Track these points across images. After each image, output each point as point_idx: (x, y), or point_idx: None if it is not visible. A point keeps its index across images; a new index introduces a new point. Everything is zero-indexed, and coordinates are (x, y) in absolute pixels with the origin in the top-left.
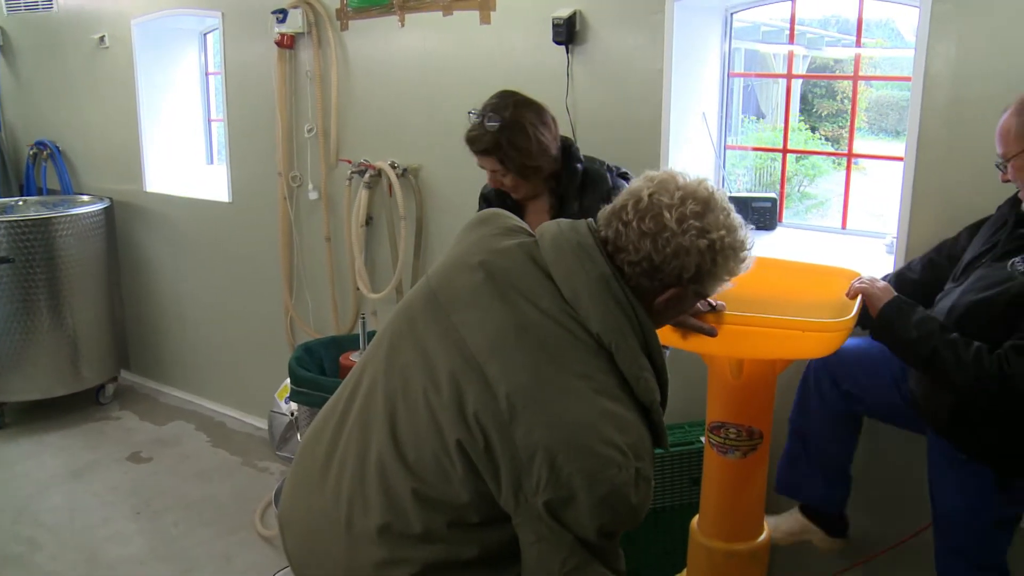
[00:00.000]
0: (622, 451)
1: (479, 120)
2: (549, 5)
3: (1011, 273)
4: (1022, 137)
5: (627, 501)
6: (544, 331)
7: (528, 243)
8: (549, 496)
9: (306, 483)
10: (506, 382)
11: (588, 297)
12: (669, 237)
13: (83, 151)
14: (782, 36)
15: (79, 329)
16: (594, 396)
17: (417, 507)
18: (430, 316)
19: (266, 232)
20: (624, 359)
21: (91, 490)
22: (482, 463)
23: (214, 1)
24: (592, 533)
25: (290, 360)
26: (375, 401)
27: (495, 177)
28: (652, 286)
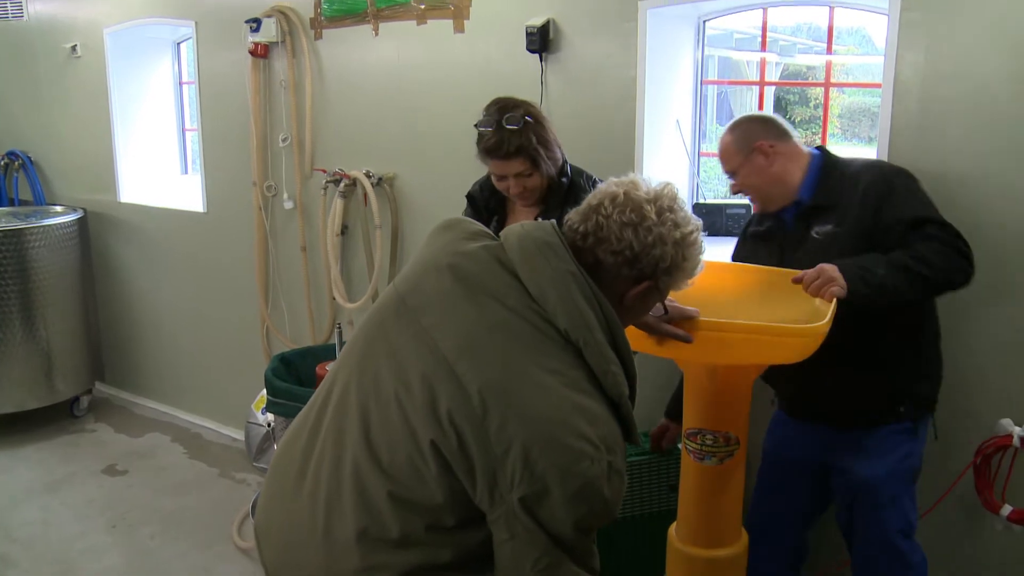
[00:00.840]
0: (594, 444)
1: (495, 124)
2: (522, 14)
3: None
4: (740, 151)
5: (600, 494)
6: (513, 328)
7: (493, 245)
8: (524, 491)
9: (281, 492)
10: (478, 380)
11: (555, 294)
12: (650, 226)
13: (56, 161)
14: (755, 43)
15: (53, 341)
16: (565, 390)
17: (393, 510)
18: (400, 321)
19: (241, 242)
20: (592, 354)
21: (66, 503)
22: (456, 461)
23: (187, 10)
24: (567, 529)
25: (266, 371)
26: (348, 408)
27: (519, 181)
28: (631, 275)
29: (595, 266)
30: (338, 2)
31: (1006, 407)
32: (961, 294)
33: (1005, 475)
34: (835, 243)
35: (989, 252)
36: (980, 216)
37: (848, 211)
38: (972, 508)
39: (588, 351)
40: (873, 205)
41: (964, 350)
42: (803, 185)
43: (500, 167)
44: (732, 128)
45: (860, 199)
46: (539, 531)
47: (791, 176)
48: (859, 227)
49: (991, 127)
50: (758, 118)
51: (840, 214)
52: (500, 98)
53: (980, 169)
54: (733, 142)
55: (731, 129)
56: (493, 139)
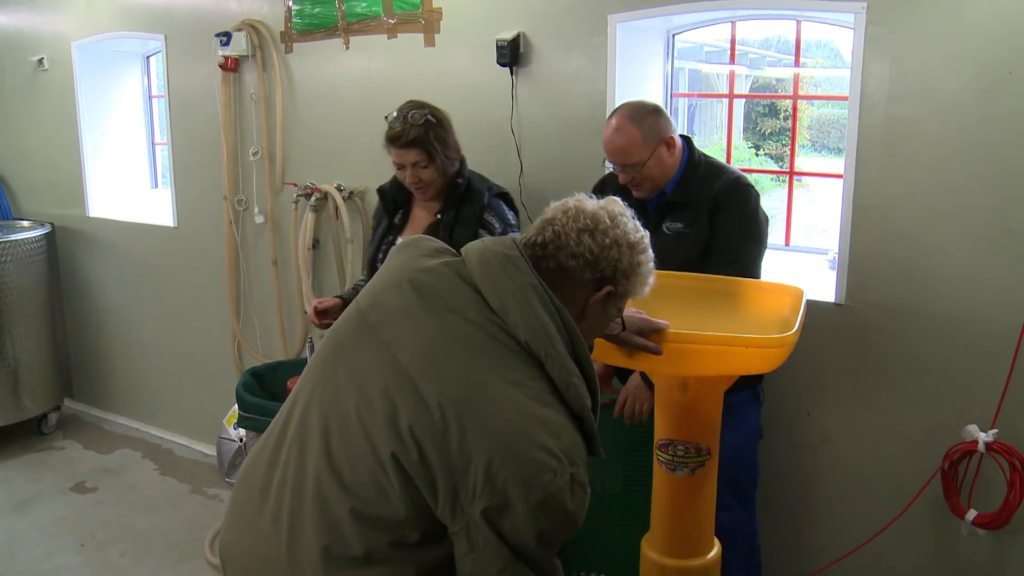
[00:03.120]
0: (556, 456)
1: (402, 117)
2: (493, 27)
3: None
4: (648, 144)
5: (563, 507)
6: (474, 341)
7: (454, 261)
8: (485, 504)
9: (245, 513)
10: (438, 393)
11: (515, 306)
12: (605, 229)
13: (23, 175)
14: (724, 56)
15: (20, 357)
16: (527, 402)
17: (356, 527)
18: (361, 337)
19: (212, 256)
20: (554, 366)
21: (34, 523)
22: (417, 474)
23: (157, 24)
24: (529, 541)
25: (237, 386)
26: (309, 425)
27: (415, 171)
28: (592, 278)
29: (557, 272)
30: (308, 16)
31: (972, 413)
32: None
33: (971, 481)
34: (683, 243)
35: (953, 256)
36: (945, 221)
37: (698, 214)
38: (940, 513)
39: (549, 363)
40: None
41: (929, 355)
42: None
43: (399, 155)
44: (635, 119)
45: (708, 205)
46: (501, 544)
47: (675, 168)
48: (702, 233)
49: (957, 137)
50: (654, 108)
51: (691, 215)
52: (410, 100)
53: (945, 178)
54: (641, 135)
55: (634, 120)
56: (396, 129)
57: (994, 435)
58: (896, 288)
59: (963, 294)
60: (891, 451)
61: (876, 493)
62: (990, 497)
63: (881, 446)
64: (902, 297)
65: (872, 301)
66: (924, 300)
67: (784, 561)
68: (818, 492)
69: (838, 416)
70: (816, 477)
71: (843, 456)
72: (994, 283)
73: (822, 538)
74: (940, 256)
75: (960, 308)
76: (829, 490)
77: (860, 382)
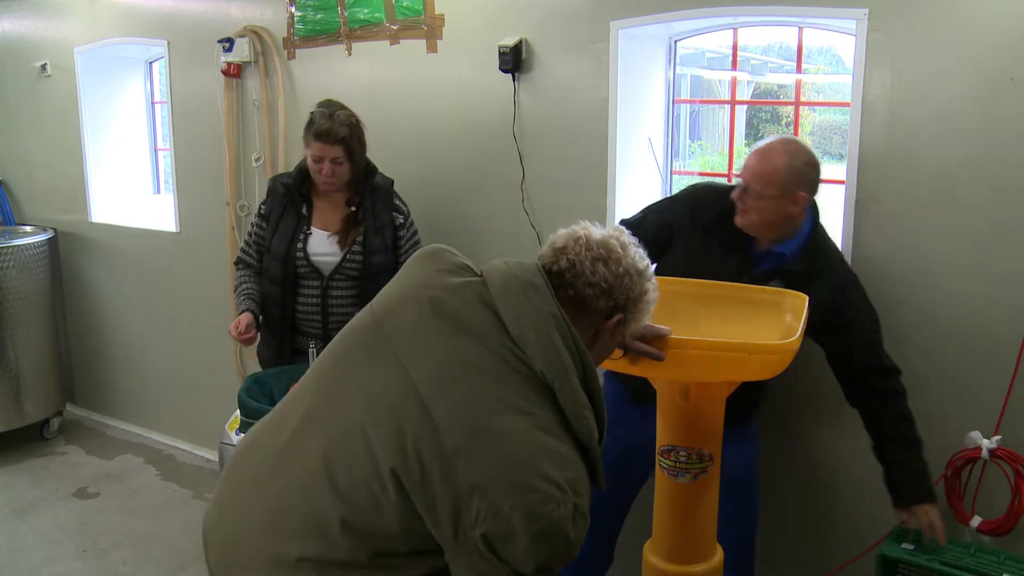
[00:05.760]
0: (560, 487)
1: (328, 116)
2: (495, 34)
3: None
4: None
5: (565, 536)
6: (488, 366)
7: (476, 282)
8: (487, 529)
9: (232, 500)
10: (449, 416)
11: (535, 334)
12: (619, 258)
13: (25, 181)
14: (726, 63)
15: (22, 363)
16: (535, 432)
17: (344, 535)
18: (375, 348)
19: (214, 262)
20: (566, 397)
21: (35, 529)
22: (416, 493)
23: (159, 30)
24: (528, 568)
25: (240, 391)
26: (313, 427)
27: (332, 166)
28: (606, 307)
29: (575, 300)
30: (311, 22)
31: (975, 420)
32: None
33: (974, 487)
34: None
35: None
36: (947, 228)
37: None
38: (944, 520)
39: (562, 393)
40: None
41: (931, 361)
42: (793, 242)
43: (322, 150)
44: (791, 153)
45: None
46: (502, 565)
47: (794, 230)
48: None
49: (958, 144)
50: (816, 163)
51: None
52: (331, 99)
53: (946, 185)
54: (786, 173)
55: (790, 153)
56: (325, 125)
57: (998, 441)
58: (898, 294)
59: (965, 300)
60: None
61: (879, 500)
62: (994, 504)
63: None
64: (904, 303)
65: (874, 306)
66: (926, 307)
67: (786, 569)
68: (820, 499)
69: (840, 423)
70: (818, 484)
71: (845, 463)
72: (997, 289)
73: (824, 546)
74: (942, 262)
75: (962, 314)
76: (831, 497)
77: None
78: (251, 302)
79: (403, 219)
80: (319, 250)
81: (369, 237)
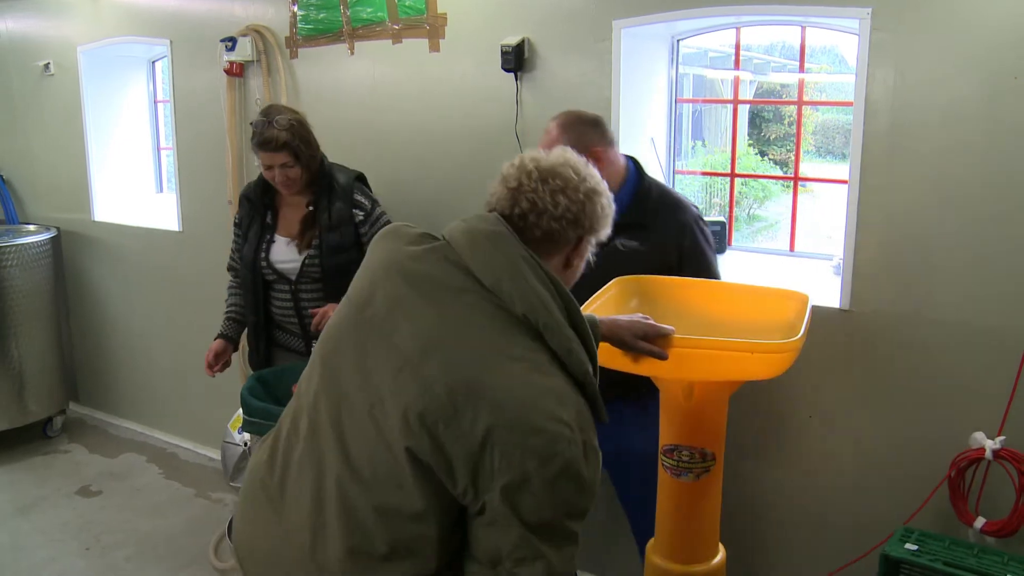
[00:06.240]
0: (568, 425)
1: (267, 124)
2: (497, 33)
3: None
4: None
5: (580, 475)
6: (472, 321)
7: (440, 246)
8: (505, 480)
9: (261, 516)
10: (444, 378)
11: (509, 280)
12: (576, 185)
13: (28, 180)
14: (729, 62)
15: (25, 361)
16: (532, 375)
17: (380, 524)
18: (360, 334)
19: (217, 261)
20: (553, 335)
21: (38, 527)
22: (435, 462)
23: (162, 29)
24: (547, 514)
25: (242, 390)
26: (321, 426)
27: (283, 171)
28: (575, 235)
29: (544, 239)
30: (313, 21)
31: (978, 420)
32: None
33: (978, 488)
34: (637, 259)
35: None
36: (951, 227)
37: (654, 235)
38: (947, 521)
39: (549, 333)
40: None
41: (935, 361)
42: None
43: (268, 158)
44: (565, 126)
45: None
46: (518, 522)
47: (613, 184)
48: (661, 254)
49: (961, 143)
50: (592, 120)
51: (647, 234)
52: (270, 104)
53: (950, 184)
54: (566, 142)
55: (564, 127)
56: (265, 134)
57: (1001, 442)
58: (901, 294)
59: (969, 300)
60: (897, 458)
61: (882, 500)
62: (998, 504)
63: (886, 453)
64: (907, 303)
65: (877, 307)
66: (930, 306)
67: (788, 568)
68: (823, 499)
69: (843, 423)
70: (821, 484)
71: (848, 463)
72: (1000, 289)
73: (827, 545)
74: (946, 262)
75: (966, 314)
76: (834, 497)
77: (865, 388)
78: (230, 323)
79: (364, 215)
80: (281, 257)
81: (324, 236)
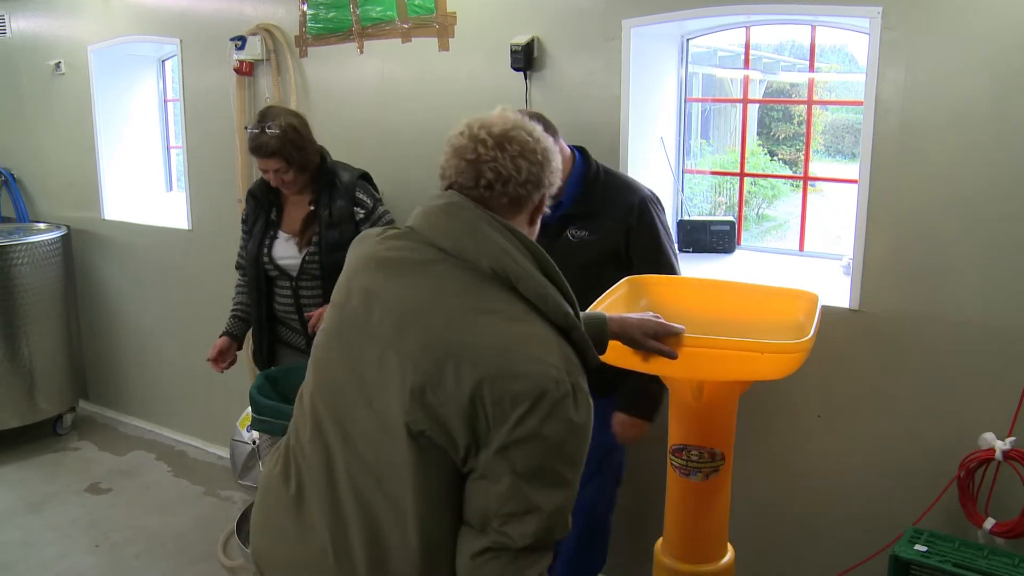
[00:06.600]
0: (553, 366)
1: (259, 130)
2: (507, 32)
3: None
4: None
5: (568, 418)
6: (443, 286)
7: (402, 231)
8: (498, 430)
9: (277, 521)
10: (422, 343)
11: (470, 239)
12: (533, 147)
13: (39, 178)
14: (738, 61)
15: (35, 359)
16: (507, 324)
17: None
18: (345, 328)
19: (226, 259)
20: (524, 283)
21: (48, 523)
22: (434, 432)
23: (172, 28)
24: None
25: (251, 388)
26: (323, 427)
27: (278, 176)
28: (539, 193)
29: (512, 205)
30: (323, 20)
31: (988, 421)
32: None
33: (988, 489)
34: (588, 248)
35: (969, 262)
36: (961, 226)
37: (604, 223)
38: (957, 522)
39: (519, 282)
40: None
41: (944, 361)
42: (567, 189)
43: (263, 163)
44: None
45: (623, 219)
46: (509, 471)
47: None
48: (610, 243)
49: (972, 143)
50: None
51: (597, 224)
52: (268, 107)
53: (960, 184)
54: None
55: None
56: (255, 141)
57: (1011, 443)
58: (911, 294)
59: (979, 300)
60: (906, 458)
61: (891, 501)
62: (1008, 506)
63: (896, 453)
64: (917, 303)
65: (887, 307)
66: (939, 306)
67: (796, 568)
68: (832, 499)
69: (852, 422)
70: (830, 484)
71: (857, 463)
72: (1010, 289)
73: (835, 545)
74: (955, 262)
75: (976, 314)
76: (843, 497)
77: (874, 388)
78: (235, 321)
79: (365, 213)
80: (282, 254)
81: (324, 233)
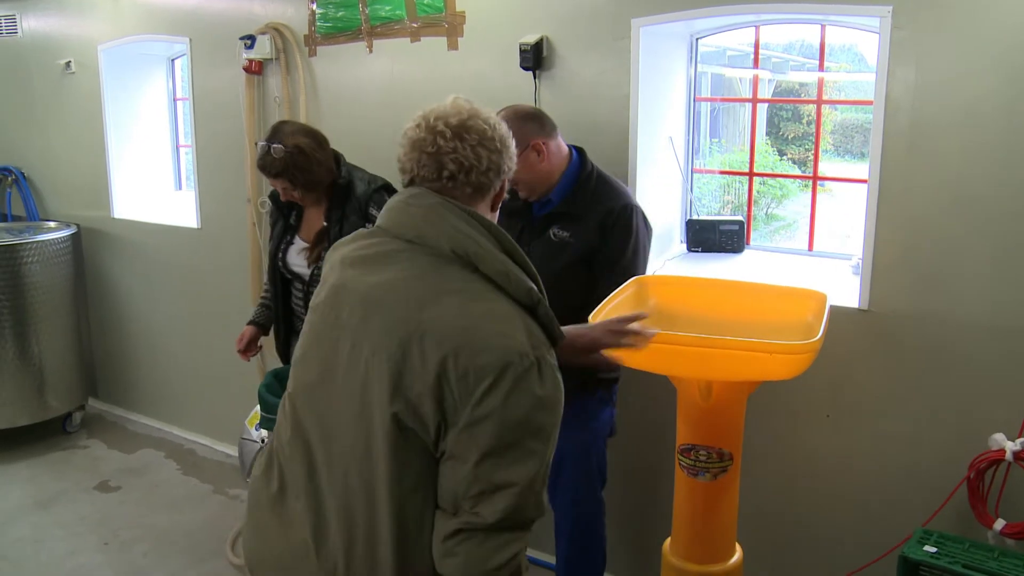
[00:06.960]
0: (516, 340)
1: (266, 148)
2: (516, 31)
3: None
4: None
5: (533, 391)
6: (405, 274)
7: (371, 230)
8: (464, 406)
9: (262, 521)
10: (386, 329)
11: (428, 225)
12: (491, 136)
13: (49, 177)
14: (747, 61)
15: (45, 357)
16: (470, 302)
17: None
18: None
19: (235, 258)
20: (484, 262)
21: (58, 521)
22: (408, 415)
23: (182, 27)
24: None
25: (260, 387)
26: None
27: (286, 192)
28: (500, 180)
29: (475, 192)
30: (332, 19)
31: (998, 421)
32: (954, 305)
33: (998, 490)
34: (566, 250)
35: (979, 262)
36: (970, 226)
37: (586, 228)
38: (966, 523)
39: (482, 262)
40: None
41: (954, 361)
42: (558, 186)
43: (271, 181)
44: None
45: (598, 222)
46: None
47: (556, 174)
48: (587, 243)
49: (982, 142)
50: (531, 115)
51: (579, 227)
52: (281, 122)
53: (970, 183)
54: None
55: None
56: (261, 160)
57: (1022, 444)
58: (921, 294)
59: (989, 300)
60: (915, 459)
61: (900, 502)
62: (1018, 507)
63: (905, 454)
64: (927, 303)
65: (896, 307)
66: (949, 306)
67: (805, 568)
68: (841, 500)
69: (861, 423)
70: (838, 485)
71: (866, 464)
72: (1020, 289)
73: (844, 545)
74: (965, 262)
75: (986, 314)
76: (852, 498)
77: (884, 389)
78: (262, 310)
79: None
80: (295, 262)
81: None
